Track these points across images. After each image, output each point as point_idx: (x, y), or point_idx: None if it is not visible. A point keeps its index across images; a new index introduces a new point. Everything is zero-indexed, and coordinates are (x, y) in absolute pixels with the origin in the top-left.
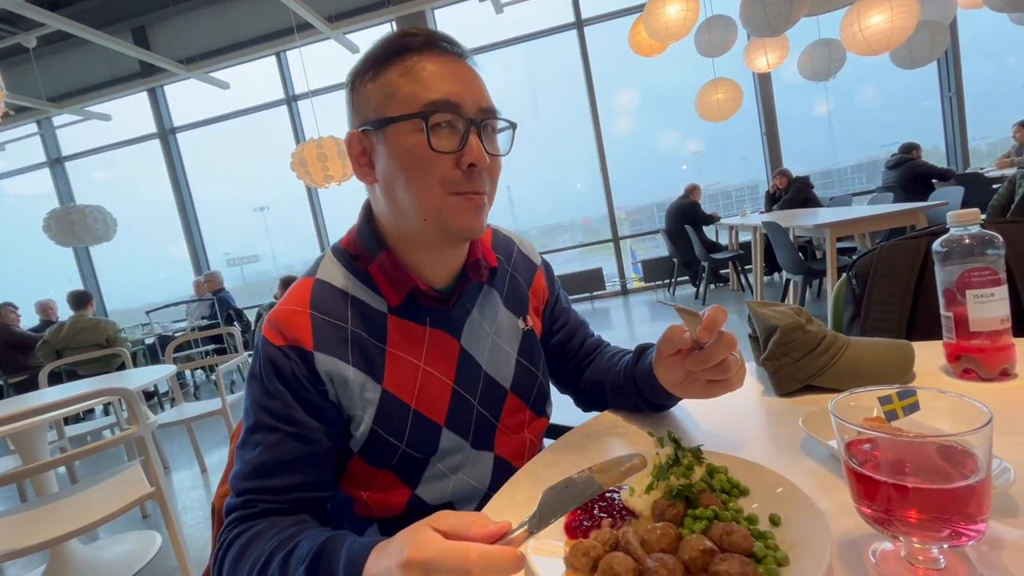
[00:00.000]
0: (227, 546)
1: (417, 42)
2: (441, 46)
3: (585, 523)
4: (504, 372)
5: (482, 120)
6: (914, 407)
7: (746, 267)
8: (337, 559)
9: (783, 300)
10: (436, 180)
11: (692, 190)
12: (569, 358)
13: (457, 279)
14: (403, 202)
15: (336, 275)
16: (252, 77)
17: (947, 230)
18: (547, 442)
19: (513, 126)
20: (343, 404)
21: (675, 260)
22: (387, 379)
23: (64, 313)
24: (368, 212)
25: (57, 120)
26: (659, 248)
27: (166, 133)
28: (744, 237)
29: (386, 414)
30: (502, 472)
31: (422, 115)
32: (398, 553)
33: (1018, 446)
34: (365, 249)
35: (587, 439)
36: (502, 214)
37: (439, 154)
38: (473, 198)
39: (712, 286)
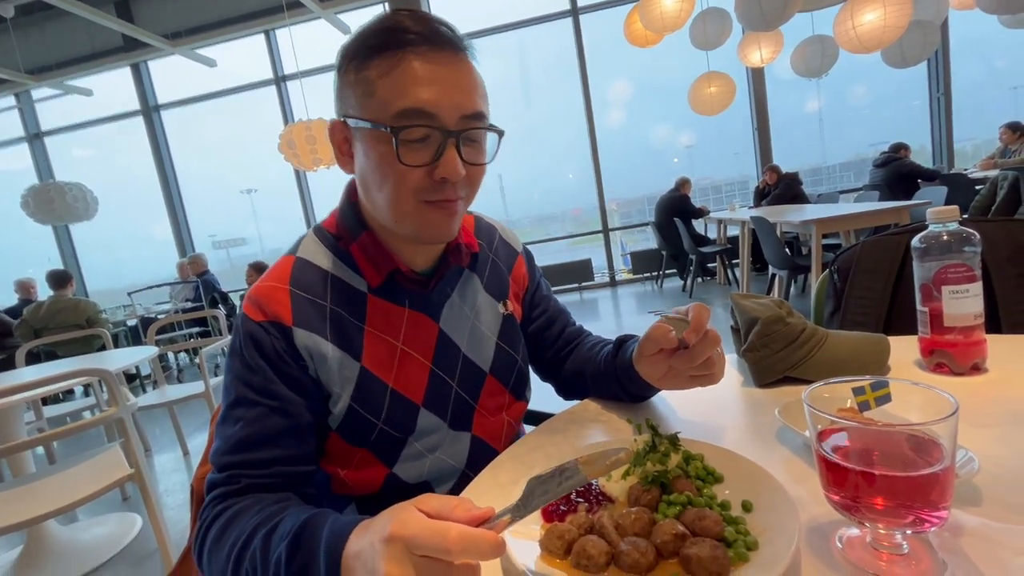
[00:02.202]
0: (209, 523)
1: (407, 37)
2: (433, 41)
3: (562, 507)
4: (484, 355)
5: (462, 131)
6: (886, 398)
7: (733, 261)
8: (319, 536)
9: (768, 294)
10: (407, 190)
11: (683, 183)
12: (549, 345)
13: (438, 263)
14: (376, 202)
15: (317, 254)
16: (240, 55)
17: (927, 227)
18: (527, 428)
19: (500, 134)
20: (322, 380)
21: (664, 253)
22: (365, 357)
23: (44, 292)
24: (351, 193)
25: (36, 94)
26: (648, 240)
27: (150, 110)
28: (733, 231)
29: (364, 392)
30: (479, 452)
31: (392, 129)
32: (381, 529)
33: (985, 438)
34: (347, 230)
35: (570, 424)
36: (493, 204)
37: (410, 167)
38: (446, 206)
39: (699, 279)
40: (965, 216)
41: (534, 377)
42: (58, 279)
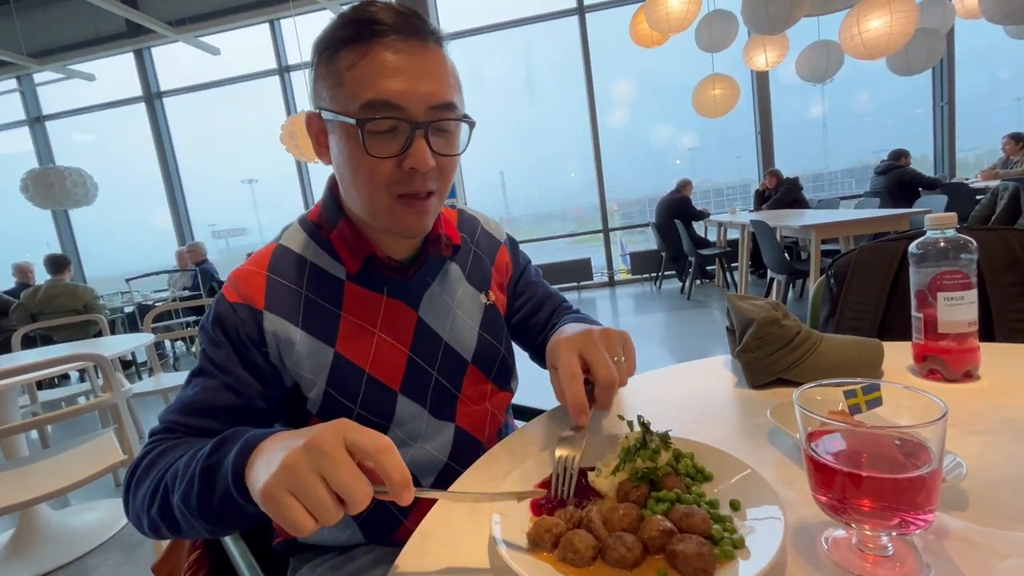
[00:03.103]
0: (143, 456)
1: (375, 28)
2: (402, 31)
3: (551, 502)
4: (465, 344)
5: (431, 121)
6: (877, 402)
7: (732, 264)
8: (237, 437)
9: (766, 298)
10: (379, 183)
11: (684, 185)
12: (539, 330)
13: (418, 252)
14: (351, 194)
15: (298, 242)
16: (244, 44)
17: (925, 233)
18: (518, 423)
19: (471, 125)
20: (287, 367)
21: (663, 254)
22: (340, 343)
23: (42, 277)
24: (333, 185)
25: (38, 77)
26: (648, 241)
27: (152, 97)
28: (732, 235)
29: (339, 377)
30: (463, 443)
31: (358, 121)
32: (327, 423)
33: (975, 445)
34: (328, 219)
35: (565, 417)
36: (494, 200)
37: (378, 159)
38: (415, 204)
39: (698, 281)
40: (963, 224)
41: (523, 371)
42: (56, 264)
